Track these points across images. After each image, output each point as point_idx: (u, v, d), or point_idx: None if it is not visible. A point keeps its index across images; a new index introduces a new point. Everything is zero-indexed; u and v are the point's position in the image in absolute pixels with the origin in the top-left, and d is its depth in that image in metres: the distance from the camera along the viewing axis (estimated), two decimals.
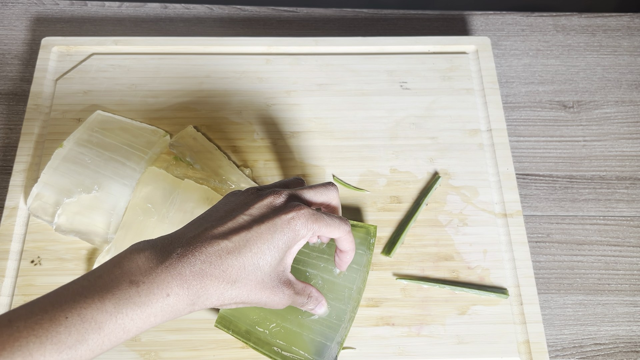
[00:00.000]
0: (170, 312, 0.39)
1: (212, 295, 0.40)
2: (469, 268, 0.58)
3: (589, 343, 0.59)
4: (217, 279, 0.40)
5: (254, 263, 0.41)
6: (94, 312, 0.36)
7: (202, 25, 0.77)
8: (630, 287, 0.61)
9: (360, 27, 0.78)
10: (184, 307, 0.39)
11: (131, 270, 0.39)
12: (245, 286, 0.41)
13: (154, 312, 0.38)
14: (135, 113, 0.66)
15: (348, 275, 0.53)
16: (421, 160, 0.64)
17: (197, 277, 0.39)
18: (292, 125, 0.66)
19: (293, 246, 0.44)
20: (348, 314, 0.52)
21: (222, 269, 0.40)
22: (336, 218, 0.46)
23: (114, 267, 0.39)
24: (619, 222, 0.65)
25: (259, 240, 0.42)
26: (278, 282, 0.44)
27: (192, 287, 0.39)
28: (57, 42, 0.70)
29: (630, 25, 0.78)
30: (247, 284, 0.41)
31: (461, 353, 0.54)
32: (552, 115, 0.71)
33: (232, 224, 0.42)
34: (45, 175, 0.58)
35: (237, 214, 0.43)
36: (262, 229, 0.42)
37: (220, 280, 0.40)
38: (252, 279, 0.42)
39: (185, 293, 0.39)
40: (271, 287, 0.43)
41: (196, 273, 0.39)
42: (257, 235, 0.42)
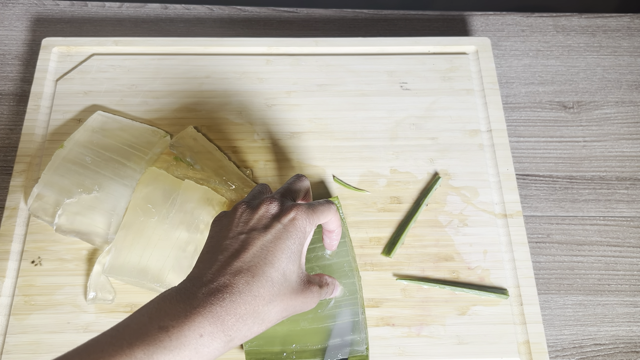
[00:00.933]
0: (207, 354, 0.37)
1: (253, 326, 0.39)
2: (469, 268, 0.59)
3: (589, 343, 0.59)
4: (252, 304, 0.39)
5: (280, 275, 0.41)
6: None
7: (202, 25, 0.77)
8: (630, 287, 0.61)
9: (360, 28, 0.78)
10: (221, 346, 0.38)
11: (159, 316, 0.37)
12: (282, 301, 0.41)
13: (189, 355, 0.36)
14: (135, 114, 0.66)
15: (338, 251, 0.55)
16: (421, 161, 0.64)
17: (231, 312, 0.38)
18: (292, 125, 0.66)
19: (304, 244, 0.44)
20: (357, 284, 0.54)
21: (253, 293, 0.39)
22: (324, 202, 0.47)
23: (142, 315, 0.38)
24: (619, 222, 0.65)
25: (276, 251, 0.41)
26: (305, 284, 0.44)
27: (226, 322, 0.38)
28: (58, 42, 0.70)
29: (630, 26, 0.78)
30: (282, 298, 0.41)
31: (461, 353, 0.55)
32: (552, 115, 0.71)
33: (243, 247, 0.42)
34: (46, 176, 0.58)
35: (242, 236, 0.42)
36: (273, 239, 0.42)
37: (254, 306, 0.39)
38: (285, 291, 0.41)
39: (219, 330, 0.38)
40: (302, 290, 0.43)
41: (228, 308, 0.38)
42: (272, 248, 0.41)
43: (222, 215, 0.46)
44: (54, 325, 0.55)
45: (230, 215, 0.45)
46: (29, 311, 0.55)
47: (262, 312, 0.40)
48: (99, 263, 0.56)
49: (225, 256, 0.41)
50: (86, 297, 0.56)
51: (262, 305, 0.39)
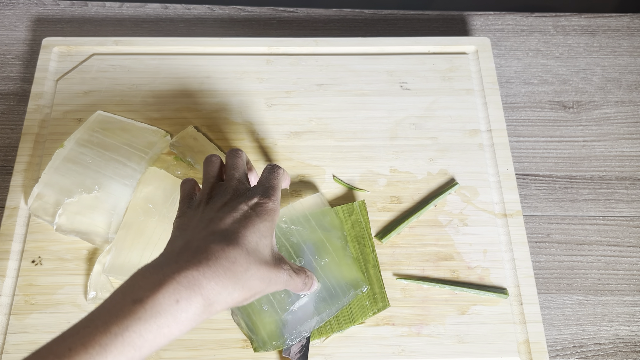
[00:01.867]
0: (185, 319, 0.37)
1: (232, 291, 0.39)
2: (469, 268, 0.59)
3: (589, 343, 0.59)
4: (230, 269, 0.39)
5: (254, 247, 0.42)
6: (97, 337, 0.34)
7: (203, 25, 0.77)
8: (629, 287, 0.61)
9: (360, 28, 0.78)
10: (201, 310, 0.37)
11: (133, 290, 0.37)
12: (258, 270, 0.41)
13: (166, 323, 0.36)
14: (135, 113, 0.66)
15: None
16: (421, 161, 0.64)
17: (208, 276, 0.38)
18: (293, 125, 0.66)
19: (274, 224, 0.45)
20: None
21: (230, 260, 0.39)
22: (273, 172, 0.49)
23: (116, 294, 0.37)
24: (619, 222, 0.65)
25: (251, 225, 0.43)
26: (277, 260, 0.45)
27: (204, 286, 0.37)
28: (58, 42, 0.70)
29: (630, 26, 0.78)
30: (258, 268, 0.41)
31: (461, 353, 0.55)
32: (552, 115, 0.71)
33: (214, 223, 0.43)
34: (46, 175, 0.58)
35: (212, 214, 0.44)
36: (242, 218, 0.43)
37: (232, 271, 0.39)
38: (261, 262, 0.42)
39: (197, 294, 0.37)
40: (274, 264, 0.44)
41: (205, 272, 0.38)
42: (246, 221, 0.43)
43: (188, 196, 0.48)
44: (54, 325, 0.55)
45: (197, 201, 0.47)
46: (30, 311, 0.55)
47: (241, 277, 0.40)
48: (99, 263, 0.57)
49: (197, 229, 0.42)
50: (86, 297, 0.56)
51: (241, 271, 0.40)
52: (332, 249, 0.56)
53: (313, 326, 0.53)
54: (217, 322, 0.55)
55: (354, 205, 0.60)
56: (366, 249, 0.58)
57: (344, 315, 0.55)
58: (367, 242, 0.58)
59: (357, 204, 0.60)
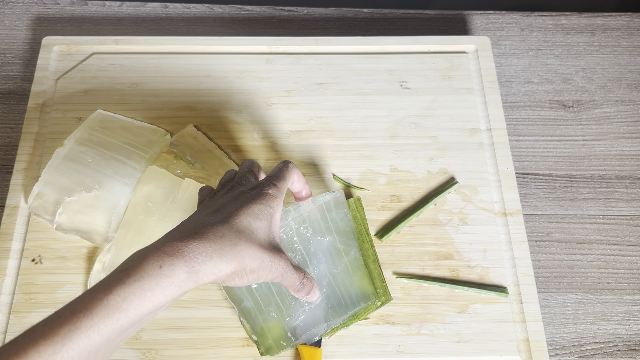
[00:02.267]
0: (169, 285, 0.38)
1: (218, 261, 0.40)
2: (468, 267, 0.59)
3: (589, 342, 0.59)
4: (216, 242, 0.40)
5: (247, 226, 0.42)
6: (85, 303, 0.36)
7: (203, 24, 0.77)
8: (629, 285, 0.61)
9: (360, 27, 0.78)
10: (185, 276, 0.38)
11: (124, 264, 0.39)
12: (248, 247, 0.42)
13: (149, 287, 0.37)
14: (135, 112, 0.66)
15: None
16: (421, 160, 0.64)
17: (192, 246, 0.39)
18: (292, 124, 0.66)
19: (275, 211, 0.45)
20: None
21: (218, 234, 0.40)
22: (282, 166, 0.50)
23: (111, 272, 0.39)
24: (619, 221, 0.65)
25: (244, 207, 0.44)
26: (275, 247, 0.45)
27: (187, 254, 0.38)
28: (58, 41, 0.70)
29: (629, 25, 0.78)
30: (250, 244, 0.42)
31: (461, 351, 0.55)
32: (551, 114, 0.72)
33: (210, 207, 0.44)
34: (46, 174, 0.59)
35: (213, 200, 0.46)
36: (242, 199, 0.44)
37: (220, 244, 0.40)
38: (253, 241, 0.42)
39: (180, 261, 0.38)
40: (270, 249, 0.44)
41: (189, 239, 0.39)
42: (240, 204, 0.44)
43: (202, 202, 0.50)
44: None
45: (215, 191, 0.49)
46: (30, 309, 0.55)
47: (228, 251, 0.40)
48: (99, 261, 0.57)
49: (194, 215, 0.44)
50: None
51: (228, 245, 0.40)
52: (347, 258, 0.55)
53: (321, 333, 0.53)
54: (217, 320, 0.55)
55: (349, 202, 0.59)
56: (365, 244, 0.58)
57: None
58: (365, 237, 0.58)
59: (352, 200, 0.59)
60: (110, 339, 0.36)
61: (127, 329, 0.37)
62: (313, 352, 0.53)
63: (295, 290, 0.49)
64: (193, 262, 0.39)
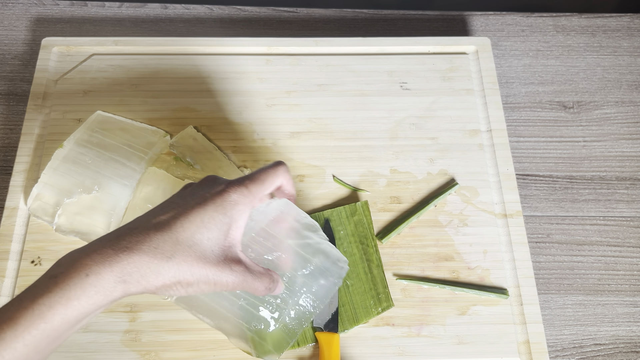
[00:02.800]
0: (96, 294, 0.36)
1: (147, 272, 0.38)
2: (469, 268, 0.59)
3: (589, 343, 0.59)
4: (148, 254, 0.38)
5: (189, 237, 0.40)
6: (11, 312, 0.35)
7: (202, 25, 0.77)
8: (630, 287, 0.61)
9: (360, 28, 0.78)
10: (112, 286, 0.37)
11: (53, 269, 0.38)
12: (184, 262, 0.39)
13: (75, 295, 0.36)
14: (135, 113, 0.66)
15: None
16: (421, 161, 0.64)
17: (123, 253, 0.37)
18: (292, 125, 0.66)
19: (234, 219, 0.42)
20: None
21: (152, 246, 0.38)
22: (268, 167, 0.45)
23: (43, 275, 0.38)
24: (619, 222, 0.65)
25: (191, 214, 0.40)
26: (224, 259, 0.41)
27: (115, 263, 0.37)
28: (58, 42, 0.70)
29: (630, 26, 0.78)
30: (185, 259, 0.39)
31: (461, 353, 0.55)
32: (552, 115, 0.71)
33: (161, 208, 0.42)
34: (46, 176, 0.58)
35: (169, 201, 0.43)
36: (192, 204, 0.41)
37: (152, 256, 0.38)
38: (191, 254, 0.39)
39: (107, 270, 0.37)
40: (216, 262, 0.40)
41: (121, 249, 0.38)
42: (187, 210, 0.41)
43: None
44: None
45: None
46: None
47: (161, 264, 0.38)
48: None
49: (141, 216, 0.42)
50: None
51: (161, 259, 0.38)
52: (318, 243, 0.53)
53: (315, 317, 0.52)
54: None
55: (356, 205, 0.60)
56: (369, 249, 0.58)
57: (347, 315, 0.55)
58: (370, 242, 0.58)
59: (360, 204, 0.60)
60: (37, 350, 0.35)
61: (55, 338, 0.36)
62: (330, 338, 0.53)
63: (261, 294, 0.45)
64: (121, 273, 0.37)
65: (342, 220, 0.59)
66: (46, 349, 0.36)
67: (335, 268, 0.52)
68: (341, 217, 0.59)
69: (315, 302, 0.51)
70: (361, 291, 0.56)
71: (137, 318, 0.55)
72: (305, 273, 0.50)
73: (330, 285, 0.51)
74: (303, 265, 0.50)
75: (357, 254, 0.58)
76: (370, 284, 0.56)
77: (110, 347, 0.54)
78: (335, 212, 0.60)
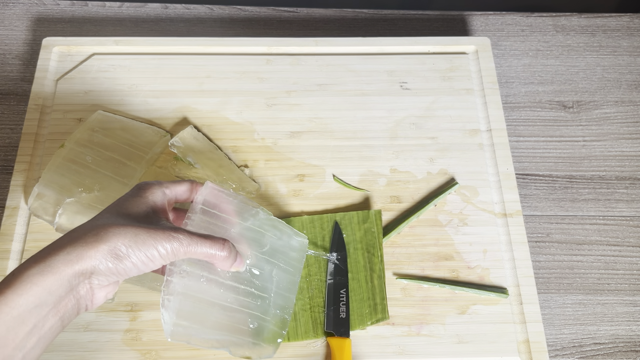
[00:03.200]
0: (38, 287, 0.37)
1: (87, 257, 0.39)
2: (468, 268, 0.59)
3: (589, 342, 0.59)
4: (68, 238, 0.40)
5: (110, 212, 0.43)
6: None
7: (203, 25, 0.77)
8: (629, 286, 0.61)
9: (360, 28, 0.78)
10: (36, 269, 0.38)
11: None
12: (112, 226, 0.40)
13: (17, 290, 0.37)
14: (136, 113, 0.66)
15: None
16: (421, 160, 0.64)
17: (49, 247, 0.39)
18: (293, 125, 0.66)
19: (151, 192, 0.45)
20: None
21: (73, 235, 0.40)
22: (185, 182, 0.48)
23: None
24: (619, 222, 0.65)
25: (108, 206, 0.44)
26: (155, 223, 0.43)
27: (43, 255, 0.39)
28: (58, 42, 0.70)
29: (630, 26, 0.78)
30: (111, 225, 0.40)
31: (461, 352, 0.55)
32: (551, 115, 0.72)
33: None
34: (46, 175, 0.59)
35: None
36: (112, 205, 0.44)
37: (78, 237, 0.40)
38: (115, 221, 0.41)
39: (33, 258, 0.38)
40: (146, 224, 0.42)
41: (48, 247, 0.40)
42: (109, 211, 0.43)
43: None
44: None
45: None
46: None
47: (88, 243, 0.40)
48: None
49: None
50: None
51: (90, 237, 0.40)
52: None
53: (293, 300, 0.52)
54: None
55: (369, 213, 0.59)
56: (374, 258, 0.57)
57: None
58: (377, 252, 0.58)
59: (373, 212, 0.59)
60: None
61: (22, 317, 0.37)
62: (342, 343, 0.53)
63: (222, 260, 0.45)
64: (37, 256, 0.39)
65: (352, 226, 0.59)
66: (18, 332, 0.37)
67: (295, 241, 0.53)
68: (352, 222, 0.59)
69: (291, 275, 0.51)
70: (359, 298, 0.56)
71: (138, 317, 0.55)
72: (264, 250, 0.50)
73: (298, 257, 0.52)
74: (260, 244, 0.50)
75: (361, 261, 0.58)
76: (369, 293, 0.56)
77: (110, 346, 0.54)
78: (347, 216, 0.59)
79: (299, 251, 0.54)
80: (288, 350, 0.54)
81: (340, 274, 0.57)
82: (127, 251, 0.40)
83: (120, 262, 0.40)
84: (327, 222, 0.59)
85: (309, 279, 0.57)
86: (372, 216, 0.59)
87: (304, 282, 0.56)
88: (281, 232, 0.53)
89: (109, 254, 0.39)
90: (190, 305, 0.45)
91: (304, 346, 0.54)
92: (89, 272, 0.39)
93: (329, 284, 0.56)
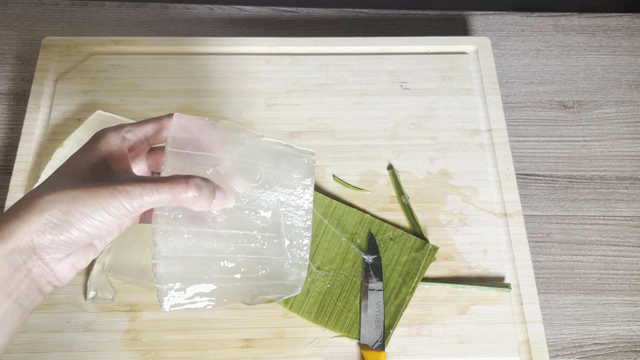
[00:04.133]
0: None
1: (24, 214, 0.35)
2: (469, 268, 0.59)
3: (589, 343, 0.59)
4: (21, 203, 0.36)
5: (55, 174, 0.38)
6: None
7: (202, 25, 0.77)
8: (630, 286, 0.61)
9: (360, 27, 0.78)
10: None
11: None
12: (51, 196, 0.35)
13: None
14: (135, 113, 0.66)
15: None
16: (421, 160, 0.64)
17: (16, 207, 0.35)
18: (292, 125, 0.66)
19: (104, 139, 0.39)
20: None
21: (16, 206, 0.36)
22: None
23: None
24: (619, 222, 0.65)
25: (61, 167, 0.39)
26: (102, 174, 0.38)
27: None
28: (58, 42, 0.70)
29: (630, 26, 0.78)
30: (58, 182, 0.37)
31: (461, 353, 0.55)
32: (552, 115, 0.71)
33: None
34: (46, 175, 0.58)
35: None
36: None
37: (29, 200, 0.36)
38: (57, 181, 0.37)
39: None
40: (92, 177, 0.37)
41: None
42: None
43: None
44: (54, 325, 0.55)
45: None
46: None
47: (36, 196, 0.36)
48: (98, 262, 0.56)
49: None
50: (86, 297, 0.56)
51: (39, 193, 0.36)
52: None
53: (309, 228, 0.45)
54: (217, 322, 0.55)
55: (426, 245, 0.58)
56: (405, 288, 0.56)
57: (342, 324, 0.55)
58: (411, 284, 0.57)
59: (430, 246, 0.58)
60: None
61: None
62: (377, 356, 0.53)
63: (193, 201, 0.38)
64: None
65: (400, 246, 0.58)
66: None
67: (297, 162, 0.45)
68: (401, 241, 0.58)
69: (299, 204, 0.44)
70: None
71: (137, 317, 0.55)
72: (260, 182, 0.43)
73: (305, 178, 0.44)
74: (253, 176, 0.43)
75: (391, 283, 0.57)
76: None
77: (110, 346, 0.54)
78: (404, 236, 0.59)
79: (305, 173, 0.45)
80: (288, 351, 0.54)
81: (377, 285, 0.56)
82: (66, 218, 0.35)
83: (61, 232, 0.35)
84: (367, 223, 0.59)
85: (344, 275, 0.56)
86: (427, 250, 0.58)
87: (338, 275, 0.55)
88: (278, 155, 0.44)
89: (45, 225, 0.35)
90: (180, 268, 0.39)
91: (304, 346, 0.54)
92: (30, 248, 0.35)
93: (365, 290, 0.56)
